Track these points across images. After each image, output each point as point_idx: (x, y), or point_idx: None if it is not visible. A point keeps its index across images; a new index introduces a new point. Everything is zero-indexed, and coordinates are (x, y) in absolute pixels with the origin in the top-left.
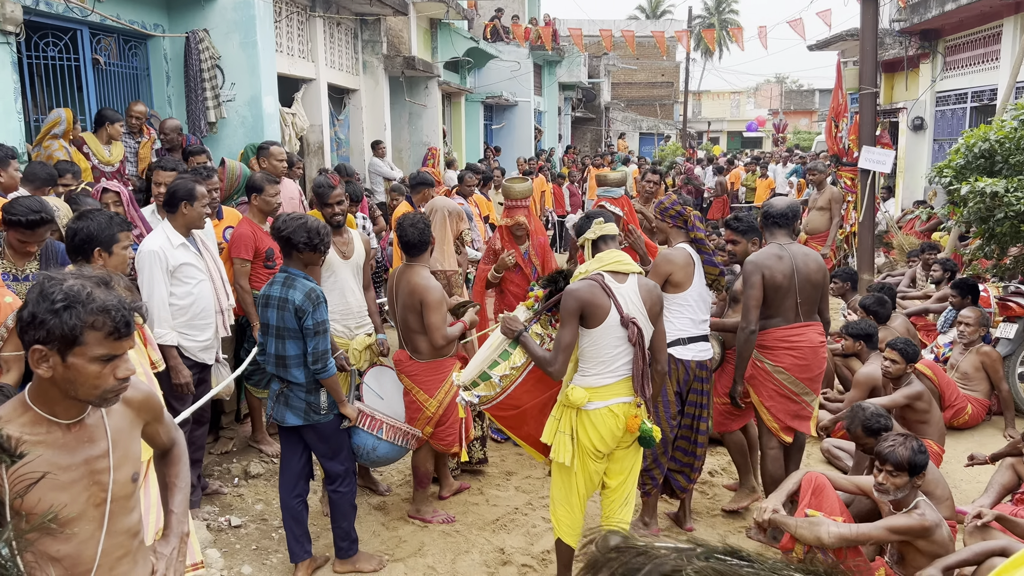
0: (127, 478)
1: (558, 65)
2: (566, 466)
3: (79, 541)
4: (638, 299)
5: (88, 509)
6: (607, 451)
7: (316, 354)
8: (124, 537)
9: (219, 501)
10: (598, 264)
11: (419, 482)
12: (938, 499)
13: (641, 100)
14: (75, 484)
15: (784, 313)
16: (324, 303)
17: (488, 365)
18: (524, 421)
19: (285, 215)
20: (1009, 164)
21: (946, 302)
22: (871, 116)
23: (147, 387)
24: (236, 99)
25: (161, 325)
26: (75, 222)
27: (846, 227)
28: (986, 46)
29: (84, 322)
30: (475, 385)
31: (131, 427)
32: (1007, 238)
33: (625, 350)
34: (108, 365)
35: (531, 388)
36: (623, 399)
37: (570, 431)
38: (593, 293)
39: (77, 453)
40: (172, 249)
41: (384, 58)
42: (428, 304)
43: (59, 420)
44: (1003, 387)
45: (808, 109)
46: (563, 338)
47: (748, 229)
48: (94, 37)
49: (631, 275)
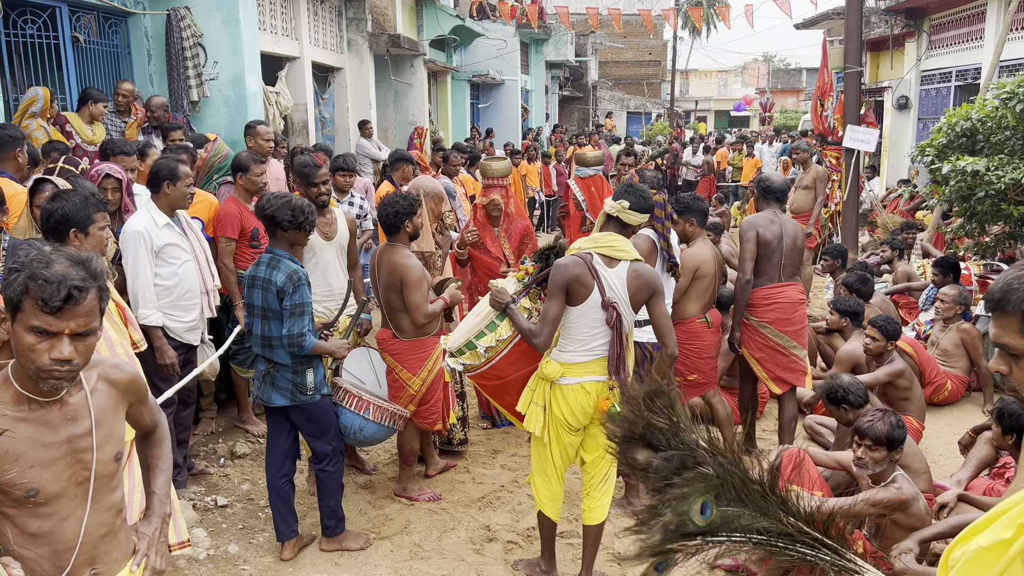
0: (110, 457)
1: (545, 43)
2: (540, 439)
3: (60, 519)
4: (623, 285)
5: (70, 487)
6: (579, 426)
7: (291, 337)
8: (107, 515)
9: (205, 481)
10: (591, 244)
11: (404, 460)
12: (915, 472)
13: (628, 79)
14: (57, 462)
15: (768, 272)
16: (305, 285)
17: (475, 335)
18: (507, 391)
19: (270, 194)
20: (990, 143)
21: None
22: (856, 95)
23: (132, 369)
24: (219, 78)
25: (146, 306)
26: (50, 202)
27: (831, 206)
28: (970, 25)
29: (24, 288)
30: (461, 353)
31: (115, 407)
32: (988, 216)
33: (603, 331)
34: (44, 340)
35: (516, 360)
36: (596, 377)
37: (543, 403)
38: (579, 271)
39: (60, 431)
40: (157, 229)
41: (369, 36)
42: (408, 282)
43: (37, 398)
44: (982, 364)
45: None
46: (549, 311)
47: (685, 209)
48: (73, 15)
49: (623, 261)
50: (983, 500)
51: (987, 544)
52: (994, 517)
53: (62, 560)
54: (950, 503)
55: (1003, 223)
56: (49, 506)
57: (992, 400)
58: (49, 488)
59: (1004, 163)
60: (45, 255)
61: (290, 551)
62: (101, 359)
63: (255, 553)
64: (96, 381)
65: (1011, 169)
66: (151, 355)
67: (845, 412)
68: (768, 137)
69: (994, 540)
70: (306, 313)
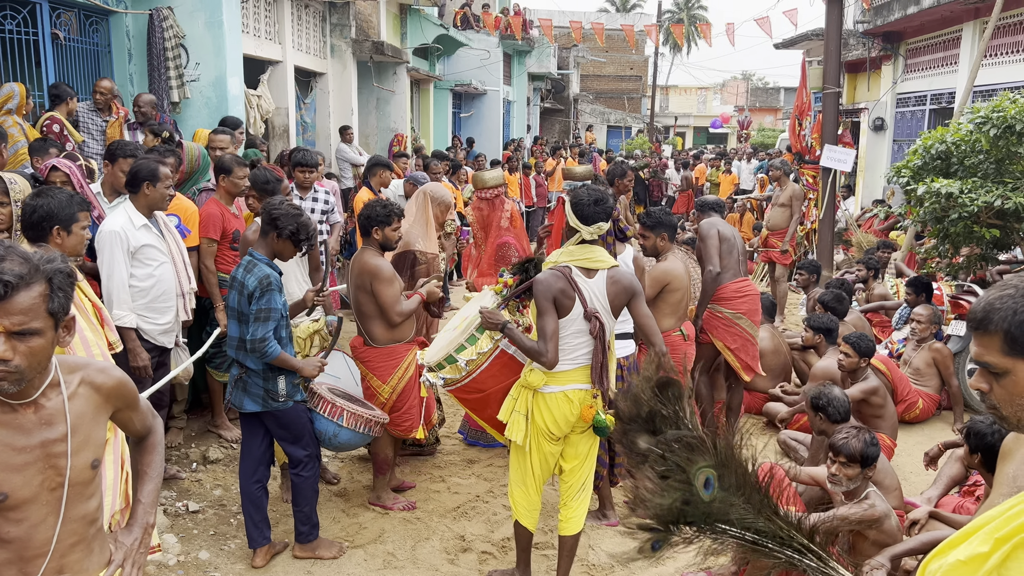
0: (86, 464)
1: (528, 55)
2: (521, 447)
3: (30, 525)
4: (603, 295)
5: (42, 493)
6: (561, 434)
7: (253, 342)
8: (79, 524)
9: (177, 486)
10: (568, 257)
11: (378, 468)
12: (887, 489)
13: (609, 93)
14: (29, 467)
15: (732, 267)
16: (275, 291)
17: (454, 348)
18: (487, 404)
19: (287, 200)
20: (964, 166)
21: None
22: (834, 115)
23: (120, 373)
24: (200, 79)
25: (120, 307)
26: (34, 199)
27: (807, 224)
28: (946, 50)
29: None
30: (440, 367)
31: (96, 413)
32: (960, 238)
33: (586, 341)
34: None
35: (496, 373)
36: (579, 386)
37: (525, 411)
38: (562, 284)
39: (33, 435)
40: (134, 230)
41: (352, 42)
42: (379, 279)
43: (8, 400)
44: (953, 383)
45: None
46: (547, 326)
47: (656, 224)
48: (54, 11)
49: (600, 270)
50: (953, 518)
51: (964, 558)
52: (971, 531)
53: (30, 567)
54: (921, 520)
55: (975, 245)
56: (19, 511)
57: (962, 419)
58: (19, 493)
59: (977, 186)
60: (1, 249)
61: (262, 558)
62: (88, 362)
63: (226, 560)
64: (78, 385)
65: (984, 192)
66: (124, 357)
67: (820, 421)
68: (746, 154)
69: (971, 554)
70: (271, 319)
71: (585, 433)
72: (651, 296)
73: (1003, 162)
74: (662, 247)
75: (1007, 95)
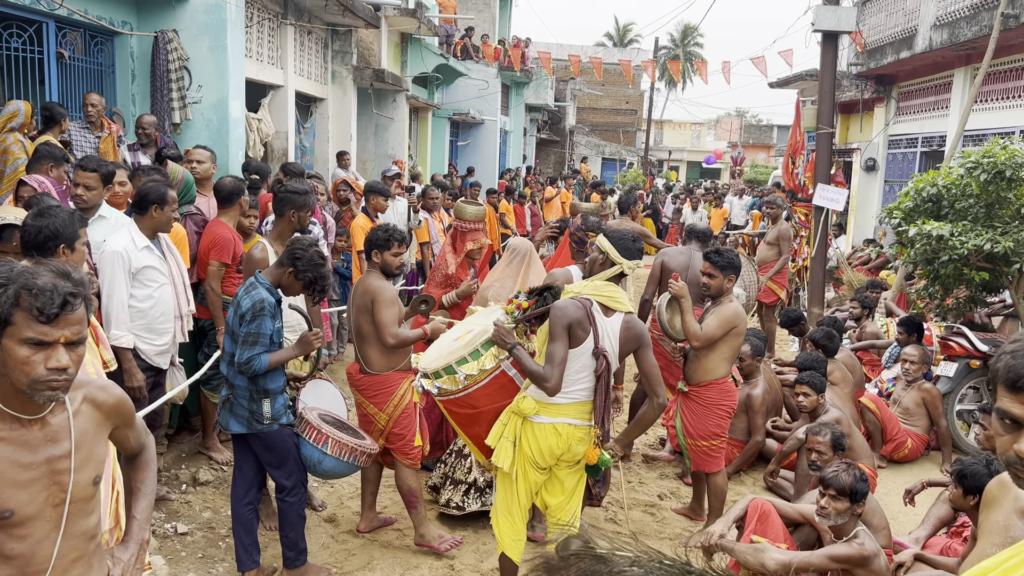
0: (88, 480)
1: (526, 87)
2: (508, 475)
3: (34, 541)
4: (616, 336)
5: (46, 509)
6: (545, 465)
7: (239, 364)
8: (80, 540)
9: (166, 507)
10: (592, 291)
11: (408, 503)
12: (875, 528)
13: (605, 126)
14: (35, 483)
15: None
16: (267, 316)
17: (456, 360)
18: (476, 422)
19: (315, 245)
20: (955, 209)
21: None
22: (827, 155)
23: (120, 392)
24: (202, 101)
25: (118, 327)
26: (36, 219)
27: (798, 261)
28: (937, 94)
29: (13, 300)
30: (438, 376)
31: (98, 429)
32: (950, 280)
33: (586, 376)
34: (39, 351)
35: (492, 393)
36: (570, 420)
37: (513, 438)
38: (580, 315)
39: (39, 452)
40: (136, 251)
41: (353, 69)
42: (379, 301)
43: (18, 415)
44: (942, 423)
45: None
46: (556, 353)
47: (727, 266)
48: (60, 31)
49: (618, 312)
50: (939, 560)
51: None
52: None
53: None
54: (907, 563)
55: (965, 287)
56: (23, 527)
57: (950, 459)
58: (24, 509)
59: (967, 229)
60: (31, 268)
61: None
62: (88, 380)
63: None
64: (80, 402)
65: (974, 236)
66: (119, 377)
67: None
68: (739, 190)
69: None
70: (259, 344)
71: (572, 469)
72: (718, 336)
73: (993, 206)
74: (727, 289)
75: (997, 141)
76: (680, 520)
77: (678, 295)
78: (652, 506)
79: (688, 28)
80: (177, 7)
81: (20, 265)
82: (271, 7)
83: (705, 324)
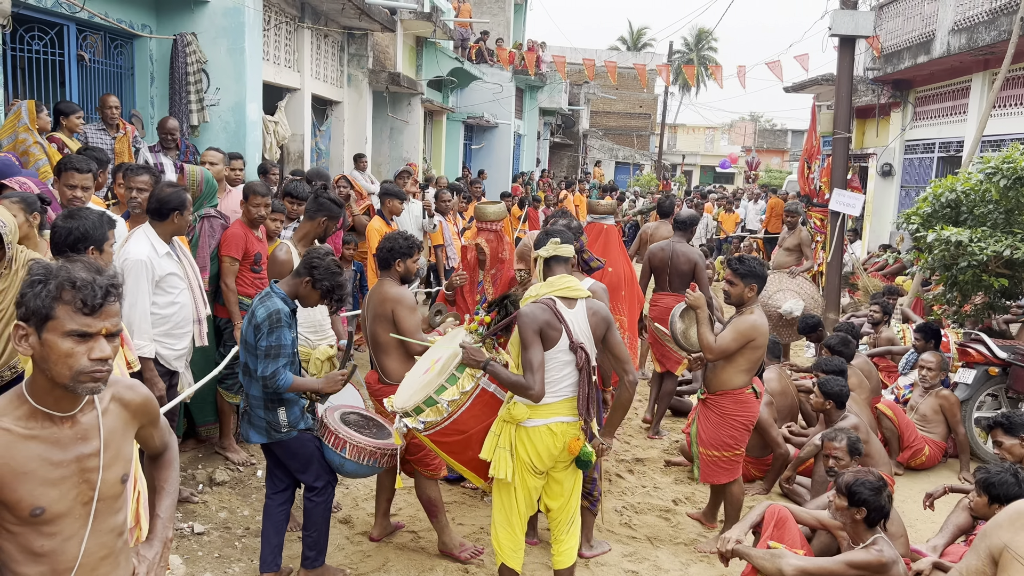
0: (116, 478)
1: (540, 90)
2: (506, 485)
3: (63, 538)
4: (586, 324)
5: (75, 507)
6: (544, 468)
7: (264, 378)
8: (108, 537)
9: (183, 507)
10: (548, 288)
11: (429, 513)
12: (893, 535)
13: (618, 130)
14: (65, 481)
15: (660, 285)
16: (284, 327)
17: (435, 390)
18: (468, 446)
19: (331, 254)
20: (974, 215)
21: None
22: (843, 160)
23: (146, 390)
24: (220, 104)
25: (140, 336)
26: (66, 221)
27: (814, 266)
28: (955, 99)
29: (54, 295)
30: (419, 411)
31: (125, 428)
32: (969, 286)
33: (570, 372)
34: (82, 343)
35: (478, 413)
36: (563, 418)
37: (509, 446)
38: (547, 316)
39: (69, 450)
40: (158, 259)
41: (369, 72)
42: (401, 306)
43: (53, 412)
44: (960, 431)
45: (780, 148)
46: (534, 359)
47: (748, 273)
48: (80, 33)
49: (579, 300)
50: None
51: None
52: None
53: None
54: (925, 570)
55: (983, 293)
56: (53, 525)
57: (968, 467)
58: (55, 507)
59: (987, 235)
60: (67, 264)
61: None
62: (116, 379)
63: None
64: (109, 401)
65: (993, 242)
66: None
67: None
68: (754, 195)
69: None
70: (282, 355)
71: (568, 469)
72: (733, 349)
73: (1012, 212)
74: (748, 298)
75: (1017, 146)
76: (695, 525)
77: (694, 305)
78: (667, 511)
79: (702, 32)
80: (196, 10)
81: (55, 263)
82: (288, 11)
83: (721, 336)
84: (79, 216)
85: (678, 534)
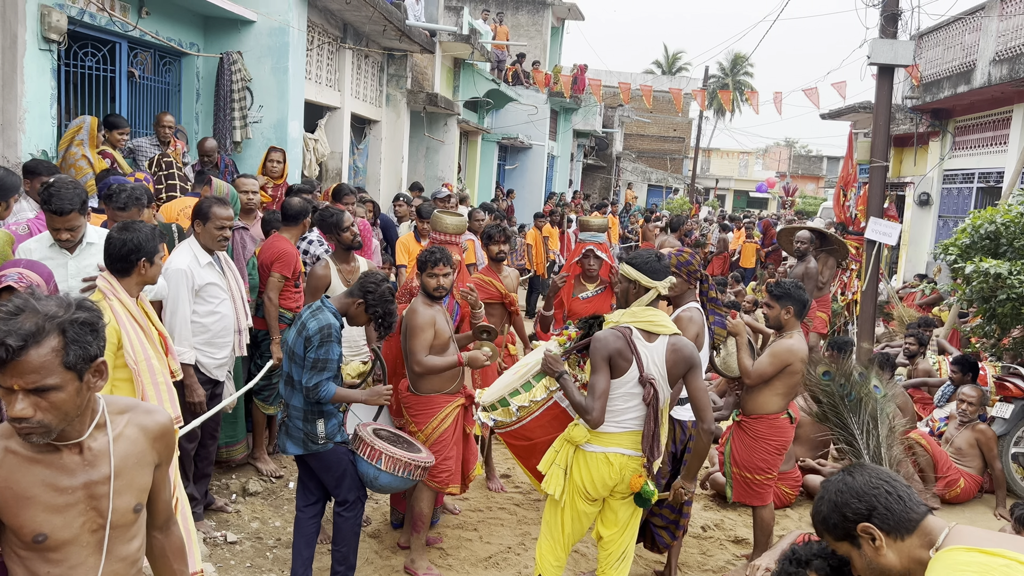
0: (128, 507)
1: (574, 112)
2: (556, 503)
3: (70, 566)
4: (662, 361)
5: (83, 535)
6: (596, 496)
7: (307, 389)
8: (121, 565)
9: (216, 516)
10: (631, 318)
11: (414, 525)
12: None
13: (652, 153)
14: (71, 508)
15: None
16: (334, 342)
17: (509, 392)
18: (533, 453)
19: (387, 280)
20: (1013, 247)
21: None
22: (880, 188)
23: (166, 418)
24: (263, 121)
25: (180, 343)
26: (120, 233)
27: (848, 295)
28: (995, 130)
29: None
30: (493, 409)
31: (141, 456)
32: (1008, 319)
33: (636, 405)
34: (8, 395)
35: (546, 424)
36: (622, 450)
37: (565, 466)
38: (619, 345)
39: (77, 476)
40: (199, 268)
41: (407, 92)
42: (409, 327)
43: (54, 441)
44: (996, 466)
45: (815, 175)
46: (598, 385)
47: (784, 296)
48: (131, 51)
49: (661, 336)
50: None
51: None
52: None
53: None
54: None
55: (1023, 327)
56: (59, 552)
57: (1004, 503)
58: (59, 534)
59: None
60: (13, 306)
61: None
62: (135, 403)
63: None
64: (124, 427)
65: None
66: (180, 390)
67: None
68: (789, 221)
69: None
70: (328, 369)
71: (626, 500)
72: (770, 374)
73: None
74: (786, 321)
75: None
76: (724, 553)
77: (734, 332)
78: (696, 537)
79: (739, 57)
80: (243, 30)
81: (9, 305)
82: (331, 31)
83: (759, 361)
84: (132, 228)
85: (707, 561)
